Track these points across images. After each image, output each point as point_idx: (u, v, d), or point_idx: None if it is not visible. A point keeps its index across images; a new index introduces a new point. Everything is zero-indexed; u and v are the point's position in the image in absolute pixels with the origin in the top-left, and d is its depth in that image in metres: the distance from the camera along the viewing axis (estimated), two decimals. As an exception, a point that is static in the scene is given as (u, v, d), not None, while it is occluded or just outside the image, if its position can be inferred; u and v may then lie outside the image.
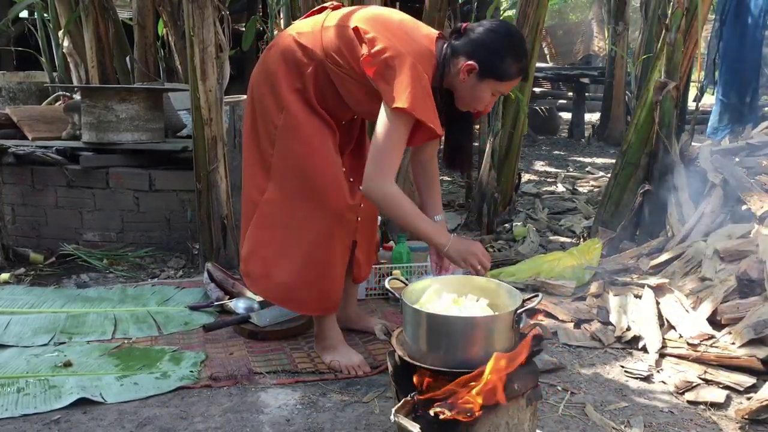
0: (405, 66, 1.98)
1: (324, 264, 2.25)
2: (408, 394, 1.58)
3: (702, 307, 2.54)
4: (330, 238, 2.23)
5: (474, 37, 2.02)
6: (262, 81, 2.26)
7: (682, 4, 3.48)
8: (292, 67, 2.20)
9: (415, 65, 1.99)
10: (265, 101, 2.24)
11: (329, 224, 2.21)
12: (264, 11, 8.19)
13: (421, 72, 1.99)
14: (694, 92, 5.86)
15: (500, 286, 1.81)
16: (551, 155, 7.76)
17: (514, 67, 2.02)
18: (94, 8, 4.98)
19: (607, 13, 8.76)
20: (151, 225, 3.72)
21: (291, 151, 2.21)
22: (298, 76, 2.20)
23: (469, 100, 2.10)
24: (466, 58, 2.01)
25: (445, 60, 2.05)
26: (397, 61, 1.98)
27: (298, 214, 2.22)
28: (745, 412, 2.00)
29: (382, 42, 2.01)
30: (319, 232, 2.22)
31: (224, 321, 2.74)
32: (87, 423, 2.02)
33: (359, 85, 2.14)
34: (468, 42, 2.03)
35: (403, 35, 2.06)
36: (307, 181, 2.20)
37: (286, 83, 2.20)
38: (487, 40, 2.01)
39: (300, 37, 2.20)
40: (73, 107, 3.93)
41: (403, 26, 2.11)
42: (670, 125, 3.53)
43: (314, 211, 2.20)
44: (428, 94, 2.01)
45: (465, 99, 2.10)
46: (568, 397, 2.17)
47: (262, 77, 2.26)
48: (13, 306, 2.88)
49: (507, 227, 4.23)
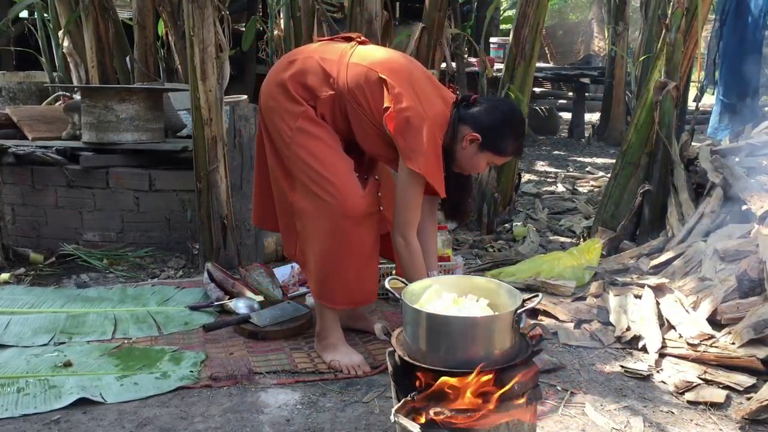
0: (423, 129, 2.17)
1: (352, 258, 2.30)
2: (408, 394, 1.58)
3: (702, 307, 2.54)
4: (355, 233, 2.28)
5: (481, 111, 2.24)
6: (278, 90, 2.34)
7: (682, 4, 3.48)
8: (308, 86, 2.31)
9: (433, 129, 2.19)
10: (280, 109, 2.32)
11: (352, 220, 2.27)
12: (264, 11, 8.19)
13: (436, 137, 2.21)
14: (694, 92, 5.86)
15: (500, 286, 1.81)
16: (551, 155, 7.76)
17: (512, 146, 2.27)
18: (94, 8, 4.97)
19: (607, 13, 8.75)
20: (151, 225, 3.72)
21: (307, 151, 2.29)
22: (311, 96, 2.31)
23: (464, 166, 2.32)
24: (471, 129, 2.22)
25: (454, 125, 2.25)
26: (418, 121, 2.17)
27: (320, 211, 2.28)
28: (745, 413, 2.00)
29: (407, 101, 2.18)
30: (343, 227, 2.27)
31: (224, 321, 2.74)
32: (87, 423, 2.02)
33: (375, 129, 2.28)
34: (475, 115, 2.24)
35: (425, 96, 2.24)
36: (324, 180, 2.27)
37: (301, 97, 2.31)
38: (493, 119, 2.23)
39: (325, 63, 2.31)
40: (73, 107, 3.93)
41: (426, 86, 2.27)
42: (670, 125, 3.53)
43: (334, 208, 2.26)
44: (439, 157, 2.22)
45: (461, 163, 2.31)
46: (568, 397, 2.17)
47: (276, 87, 2.34)
48: (13, 306, 2.88)
49: (507, 227, 4.23)
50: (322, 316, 2.42)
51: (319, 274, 2.34)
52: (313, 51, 2.40)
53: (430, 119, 2.20)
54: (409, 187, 2.23)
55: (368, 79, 2.25)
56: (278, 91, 2.34)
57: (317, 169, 2.27)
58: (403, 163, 2.21)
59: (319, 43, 2.50)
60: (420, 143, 2.17)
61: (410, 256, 2.28)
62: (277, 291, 3.01)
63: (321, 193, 2.27)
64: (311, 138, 2.29)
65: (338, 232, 2.27)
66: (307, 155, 2.28)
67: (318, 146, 2.29)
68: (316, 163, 2.28)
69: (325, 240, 2.29)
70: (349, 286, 2.33)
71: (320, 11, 4.55)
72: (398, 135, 2.19)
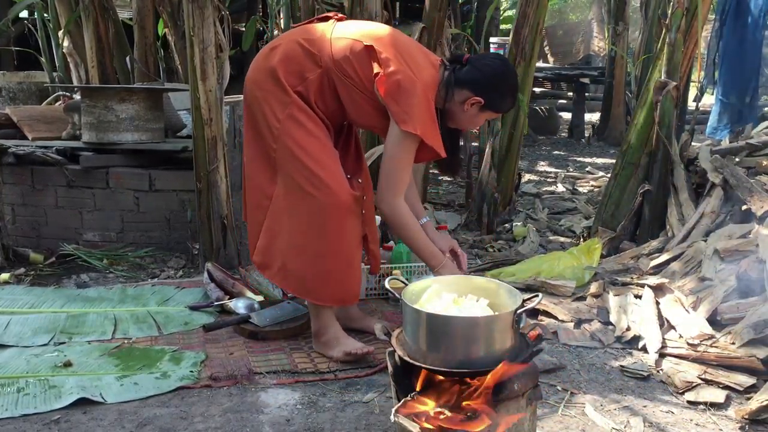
0: (415, 90, 2.18)
1: (337, 254, 2.30)
2: (408, 394, 1.58)
3: (702, 307, 2.54)
4: (341, 229, 2.28)
5: (477, 73, 2.26)
6: (265, 78, 2.31)
7: (682, 4, 3.48)
8: (295, 69, 2.28)
9: (425, 91, 2.20)
10: (269, 98, 2.29)
11: (338, 215, 2.27)
12: (264, 11, 8.19)
13: (429, 97, 2.22)
14: (694, 92, 5.86)
15: (500, 286, 1.81)
16: (551, 155, 7.76)
17: (511, 102, 2.37)
18: (94, 8, 4.98)
19: (607, 13, 8.75)
20: (151, 225, 3.72)
21: (295, 143, 2.27)
22: (300, 79, 2.28)
23: (465, 124, 2.38)
24: (472, 93, 2.25)
25: (448, 87, 2.27)
26: (409, 84, 2.17)
27: (306, 205, 2.27)
28: (745, 413, 2.00)
29: (395, 64, 2.18)
30: (329, 222, 2.26)
31: (224, 321, 2.74)
32: (87, 423, 2.02)
33: (366, 98, 2.26)
34: (474, 78, 2.26)
35: (412, 60, 2.24)
36: (312, 174, 2.25)
37: (289, 83, 2.28)
38: (492, 80, 2.27)
39: (308, 43, 2.29)
40: (73, 107, 3.93)
41: (412, 50, 2.29)
42: (670, 125, 3.53)
43: (321, 202, 2.25)
44: (434, 119, 2.24)
45: (461, 123, 2.36)
46: (568, 397, 2.17)
47: (264, 75, 2.31)
48: (13, 306, 2.88)
49: (507, 227, 4.23)
50: (317, 315, 2.43)
51: (302, 270, 2.32)
52: (293, 34, 2.37)
53: (421, 81, 2.20)
54: (400, 150, 2.22)
55: (354, 50, 2.24)
56: (266, 78, 2.31)
57: (306, 162, 2.25)
58: (395, 127, 2.20)
59: (297, 28, 2.48)
60: (413, 105, 2.17)
61: (404, 222, 2.29)
62: (277, 291, 3.01)
63: (308, 186, 2.25)
64: (300, 129, 2.27)
65: (325, 225, 2.26)
66: (296, 147, 2.26)
67: (307, 139, 2.27)
68: (305, 156, 2.25)
69: (310, 234, 2.28)
70: (335, 281, 2.32)
71: (320, 11, 4.55)
72: (390, 99, 2.18)
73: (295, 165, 2.27)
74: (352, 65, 2.24)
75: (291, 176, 2.28)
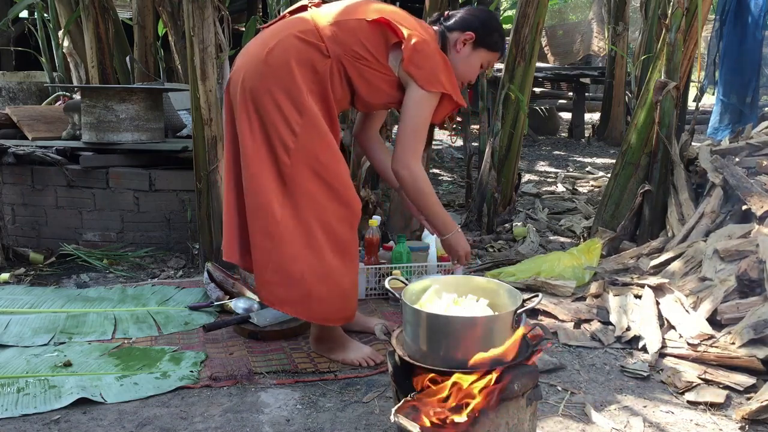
0: (431, 50, 2.19)
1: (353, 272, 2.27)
2: (408, 394, 1.58)
3: (702, 307, 2.54)
4: (354, 243, 2.26)
5: (462, 16, 2.31)
6: (273, 86, 2.13)
7: (682, 4, 3.48)
8: (306, 67, 2.15)
9: (436, 47, 2.22)
10: (282, 107, 2.13)
11: (353, 230, 2.25)
12: (264, 11, 8.19)
13: (443, 54, 2.23)
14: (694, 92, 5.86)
15: (500, 286, 1.80)
16: (551, 155, 7.76)
17: (500, 41, 2.35)
18: (94, 8, 4.98)
19: (607, 13, 8.75)
20: (151, 225, 3.72)
21: (315, 158, 2.16)
22: (312, 75, 2.16)
23: (462, 71, 2.32)
24: (462, 32, 2.28)
25: (443, 37, 2.29)
26: (423, 45, 2.17)
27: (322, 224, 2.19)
28: (745, 413, 2.00)
29: (406, 29, 2.17)
30: (347, 238, 2.23)
31: (224, 321, 2.74)
32: (87, 423, 2.02)
33: (380, 76, 2.22)
34: (460, 20, 2.30)
35: (411, 23, 2.24)
36: (331, 188, 2.19)
37: (306, 87, 2.15)
38: (479, 16, 2.32)
39: (306, 35, 2.16)
40: (73, 107, 3.94)
41: (404, 14, 2.27)
42: (670, 125, 3.53)
43: (340, 217, 2.21)
44: (452, 72, 2.23)
45: (458, 70, 2.30)
46: (568, 397, 2.17)
47: (271, 82, 2.14)
48: (13, 306, 2.88)
49: (507, 227, 4.22)
50: (321, 327, 2.40)
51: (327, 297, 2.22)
52: (282, 30, 2.20)
53: (431, 38, 2.22)
54: (422, 111, 2.20)
55: (361, 29, 2.17)
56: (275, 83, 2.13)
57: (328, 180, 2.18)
58: (417, 91, 2.17)
59: (276, 24, 2.29)
60: (436, 63, 2.18)
61: (422, 186, 2.25)
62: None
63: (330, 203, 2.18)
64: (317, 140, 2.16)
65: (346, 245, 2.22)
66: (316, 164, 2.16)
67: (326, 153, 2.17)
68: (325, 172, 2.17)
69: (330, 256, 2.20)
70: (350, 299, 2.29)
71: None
72: (410, 64, 2.15)
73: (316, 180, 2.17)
74: (362, 45, 2.17)
75: (310, 192, 2.17)
